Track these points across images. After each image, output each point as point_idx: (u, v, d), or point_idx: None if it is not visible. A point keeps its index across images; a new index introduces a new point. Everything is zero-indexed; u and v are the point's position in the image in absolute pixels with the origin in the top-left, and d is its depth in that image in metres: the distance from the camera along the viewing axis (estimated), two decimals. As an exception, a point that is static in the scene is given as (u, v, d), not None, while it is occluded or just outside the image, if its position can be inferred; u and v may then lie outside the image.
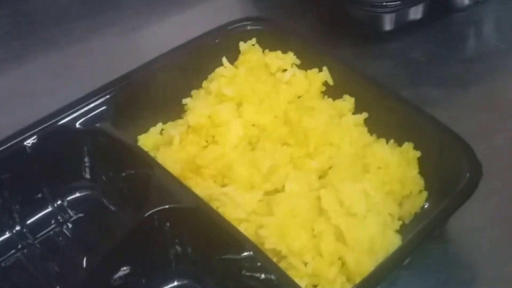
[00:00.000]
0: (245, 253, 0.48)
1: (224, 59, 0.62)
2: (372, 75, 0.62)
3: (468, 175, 0.51)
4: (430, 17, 0.68)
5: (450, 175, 0.53)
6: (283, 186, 0.54)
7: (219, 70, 0.62)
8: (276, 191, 0.55)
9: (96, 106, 0.57)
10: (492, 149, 0.60)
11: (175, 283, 0.52)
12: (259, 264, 0.48)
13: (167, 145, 0.58)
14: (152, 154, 0.58)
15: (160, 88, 0.61)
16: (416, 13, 0.66)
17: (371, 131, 0.58)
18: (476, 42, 0.71)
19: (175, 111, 0.61)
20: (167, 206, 0.51)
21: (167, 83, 0.61)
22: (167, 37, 0.68)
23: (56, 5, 0.74)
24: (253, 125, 0.58)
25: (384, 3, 0.64)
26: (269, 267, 0.48)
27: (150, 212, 0.51)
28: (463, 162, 0.52)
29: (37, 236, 0.56)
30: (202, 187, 0.54)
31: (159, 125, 0.61)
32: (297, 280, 0.49)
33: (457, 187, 0.51)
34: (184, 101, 0.61)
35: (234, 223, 0.51)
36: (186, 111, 0.60)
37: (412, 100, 0.61)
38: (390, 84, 0.63)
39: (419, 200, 0.55)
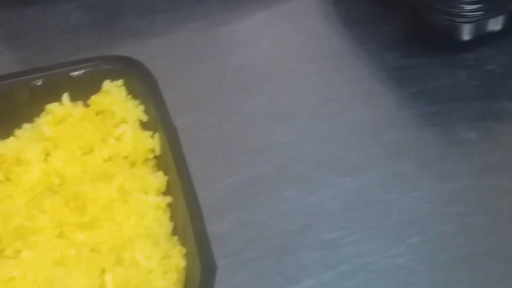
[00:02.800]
0: None
1: (65, 95, 0.53)
2: (445, 84, 0.61)
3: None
4: (509, 28, 0.66)
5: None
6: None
7: (51, 106, 0.53)
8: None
9: None
10: None
11: None
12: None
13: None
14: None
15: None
16: (495, 24, 0.65)
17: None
18: (557, 57, 0.69)
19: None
20: None
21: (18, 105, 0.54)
22: (249, 35, 0.67)
23: (140, -4, 0.75)
24: (57, 173, 0.51)
25: (463, 13, 0.63)
26: None
27: None
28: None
29: None
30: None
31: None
32: None
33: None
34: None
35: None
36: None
37: (485, 113, 0.60)
38: (463, 96, 0.62)
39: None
